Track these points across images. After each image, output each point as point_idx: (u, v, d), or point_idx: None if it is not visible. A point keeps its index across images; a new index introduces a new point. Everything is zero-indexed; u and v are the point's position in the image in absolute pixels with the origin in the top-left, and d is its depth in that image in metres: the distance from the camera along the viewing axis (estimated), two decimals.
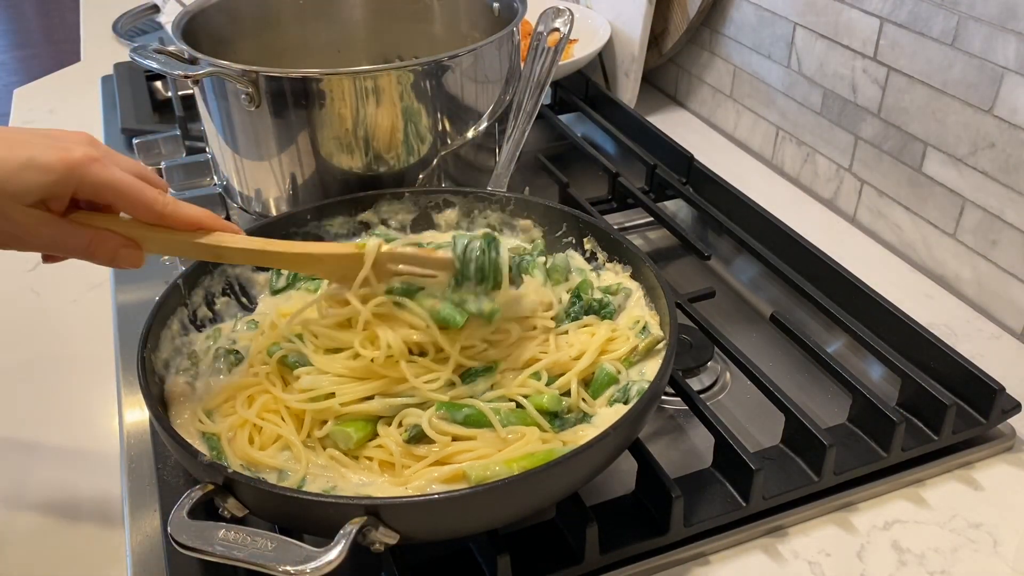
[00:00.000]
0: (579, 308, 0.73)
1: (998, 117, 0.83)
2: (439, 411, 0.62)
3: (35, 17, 4.93)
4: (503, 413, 0.63)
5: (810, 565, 0.64)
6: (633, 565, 0.63)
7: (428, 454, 0.61)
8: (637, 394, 0.65)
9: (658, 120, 1.26)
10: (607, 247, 0.78)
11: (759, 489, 0.65)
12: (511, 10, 0.96)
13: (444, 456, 0.60)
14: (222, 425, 0.63)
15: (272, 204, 0.93)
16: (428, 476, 0.58)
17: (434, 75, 0.85)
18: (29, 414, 0.79)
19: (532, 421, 0.63)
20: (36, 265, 0.98)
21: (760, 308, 0.92)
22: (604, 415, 0.65)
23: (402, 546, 0.54)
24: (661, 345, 0.69)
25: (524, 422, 0.63)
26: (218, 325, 0.74)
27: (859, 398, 0.71)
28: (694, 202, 1.01)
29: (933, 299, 0.91)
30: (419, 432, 0.61)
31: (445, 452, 0.60)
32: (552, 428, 0.63)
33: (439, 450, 0.61)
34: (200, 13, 0.96)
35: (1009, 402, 0.73)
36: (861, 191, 1.02)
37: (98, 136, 1.23)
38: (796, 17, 1.06)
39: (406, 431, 0.62)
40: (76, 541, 0.67)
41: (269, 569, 0.50)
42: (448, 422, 0.62)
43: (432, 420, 0.62)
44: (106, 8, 1.66)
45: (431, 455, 0.60)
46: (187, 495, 0.54)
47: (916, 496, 0.69)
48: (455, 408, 0.63)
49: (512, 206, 0.83)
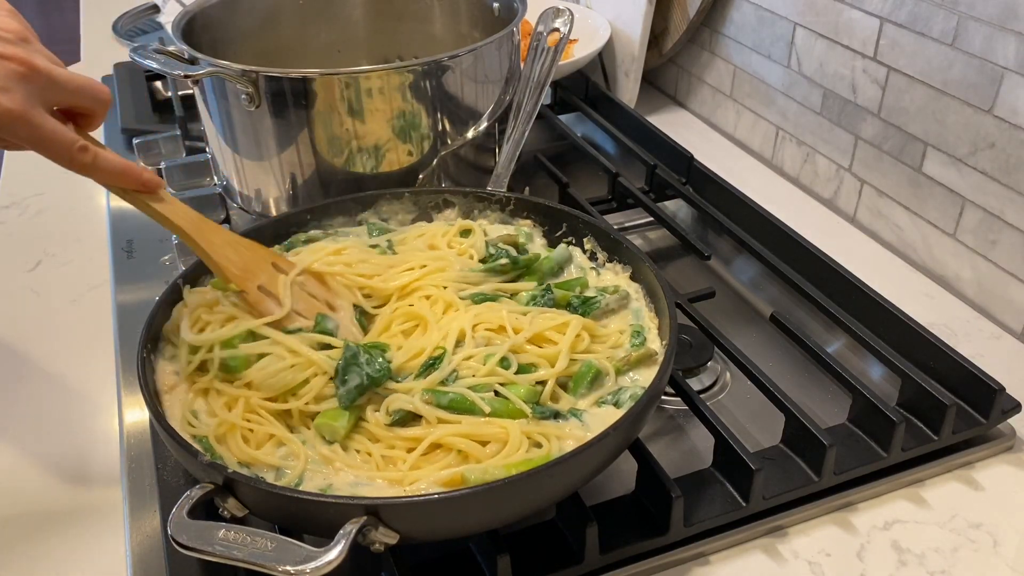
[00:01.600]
0: (547, 300, 0.72)
1: (998, 117, 0.83)
2: (425, 396, 0.63)
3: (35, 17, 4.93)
4: (486, 400, 0.63)
5: (810, 565, 0.64)
6: (633, 565, 0.63)
7: (416, 435, 0.61)
8: (631, 399, 0.64)
9: (658, 120, 1.26)
10: (607, 247, 0.78)
11: (759, 489, 0.65)
12: (511, 10, 0.96)
13: (438, 438, 0.60)
14: (209, 426, 0.62)
15: (272, 204, 0.93)
16: (427, 479, 0.58)
17: (434, 75, 0.85)
18: (29, 414, 0.79)
19: (516, 410, 0.62)
20: (36, 265, 0.98)
21: (760, 308, 0.92)
22: (594, 415, 0.64)
23: (402, 546, 0.54)
24: (658, 352, 0.68)
25: (507, 409, 0.63)
26: None
27: (859, 398, 0.71)
28: (694, 202, 1.01)
29: (933, 299, 0.91)
30: (404, 416, 0.62)
31: (438, 433, 0.60)
32: (533, 414, 0.63)
33: (427, 428, 0.61)
34: (200, 13, 0.96)
35: (1009, 402, 0.73)
36: (861, 191, 1.02)
37: (98, 136, 1.22)
38: (796, 17, 1.06)
39: (390, 415, 0.62)
40: (76, 541, 0.67)
41: (269, 569, 0.50)
42: (433, 406, 0.62)
43: (417, 404, 0.62)
44: (106, 8, 1.66)
45: (423, 435, 0.60)
46: (187, 495, 0.54)
47: (916, 496, 0.69)
48: (440, 394, 0.63)
49: (512, 206, 0.83)
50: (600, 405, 0.65)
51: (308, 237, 0.80)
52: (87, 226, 1.05)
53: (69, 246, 1.01)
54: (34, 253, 1.00)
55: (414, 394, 0.63)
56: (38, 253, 1.00)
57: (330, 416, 0.62)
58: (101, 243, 1.01)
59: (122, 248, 0.98)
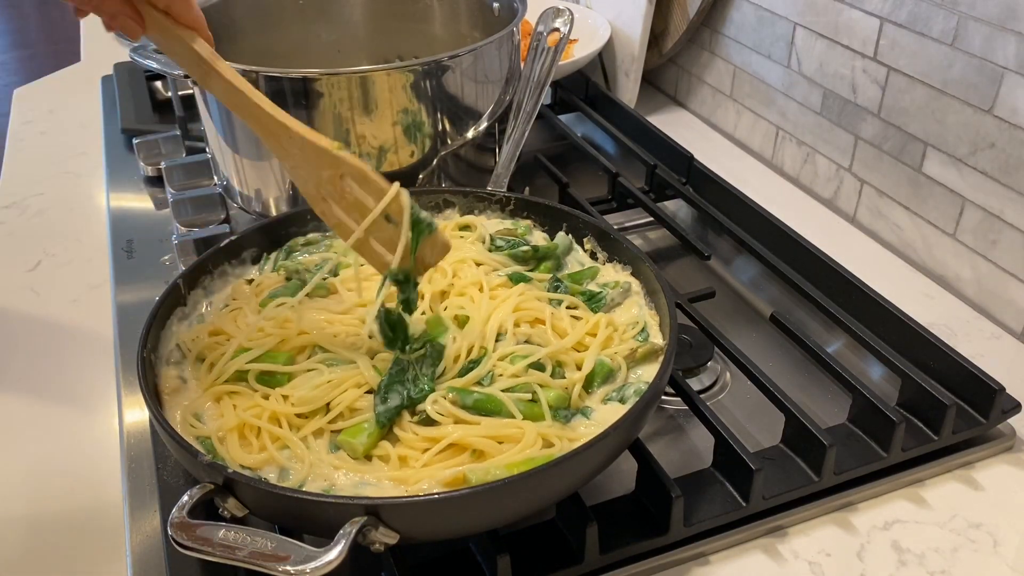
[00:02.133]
0: (563, 289, 0.73)
1: (998, 117, 0.83)
2: (450, 394, 0.63)
3: (35, 17, 4.93)
4: (517, 403, 0.63)
5: (810, 565, 0.64)
6: (633, 565, 0.63)
7: (435, 436, 0.60)
8: (635, 395, 0.65)
9: (658, 120, 1.26)
10: (607, 247, 0.78)
11: (759, 489, 0.65)
12: (511, 10, 0.96)
13: (458, 439, 0.60)
14: (212, 426, 0.62)
15: (272, 204, 0.93)
16: (430, 479, 0.58)
17: (434, 75, 0.85)
18: (29, 414, 0.79)
19: (540, 413, 0.63)
20: (36, 265, 0.98)
21: (760, 308, 0.92)
22: (600, 412, 0.64)
23: (402, 546, 0.54)
24: (660, 348, 0.69)
25: (531, 411, 0.63)
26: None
27: (859, 398, 0.71)
28: (694, 202, 1.01)
29: (933, 299, 0.91)
30: (426, 417, 0.62)
31: (457, 435, 0.60)
32: (558, 419, 0.63)
33: (442, 429, 0.61)
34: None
35: (1009, 402, 0.73)
36: (861, 191, 1.02)
37: (98, 136, 1.23)
38: (796, 17, 1.06)
39: (415, 416, 0.62)
40: (76, 541, 0.67)
41: (269, 569, 0.50)
42: (457, 407, 0.62)
43: (440, 402, 0.62)
44: None
45: (442, 436, 0.60)
46: (187, 495, 0.54)
47: (916, 496, 0.69)
48: (466, 393, 0.63)
49: (512, 206, 0.83)
50: (606, 402, 0.65)
51: (307, 240, 0.80)
52: (87, 226, 1.05)
53: (69, 246, 1.01)
54: (34, 253, 1.00)
55: (436, 397, 0.63)
56: (38, 253, 1.00)
57: (352, 433, 0.61)
58: (101, 243, 1.01)
59: (122, 248, 0.98)
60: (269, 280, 0.75)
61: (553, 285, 0.74)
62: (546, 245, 0.78)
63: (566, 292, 0.74)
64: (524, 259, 0.77)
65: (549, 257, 0.78)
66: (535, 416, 0.62)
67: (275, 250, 0.79)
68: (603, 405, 0.65)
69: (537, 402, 0.63)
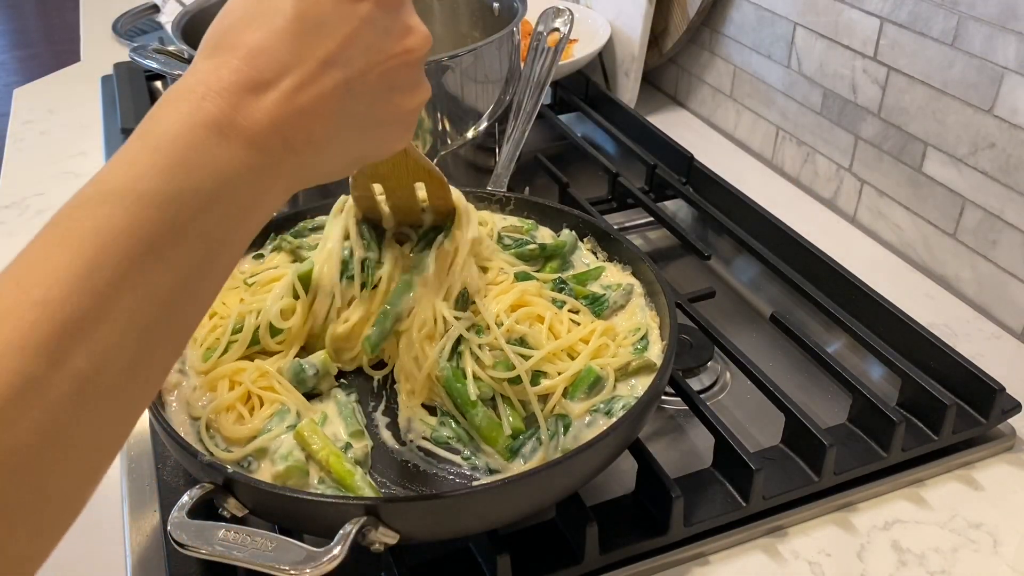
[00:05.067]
0: (568, 291, 0.72)
1: (998, 117, 0.83)
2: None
3: (35, 17, 4.93)
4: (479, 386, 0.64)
5: (810, 565, 0.64)
6: (633, 565, 0.63)
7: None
8: (623, 409, 0.62)
9: (658, 120, 1.26)
10: (607, 247, 0.78)
11: (759, 489, 0.65)
12: (511, 10, 0.96)
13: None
14: (207, 408, 0.62)
15: None
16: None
17: (434, 75, 0.85)
18: None
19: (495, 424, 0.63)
20: None
21: (760, 308, 0.92)
22: (579, 429, 0.62)
23: (402, 546, 0.54)
24: (656, 364, 0.66)
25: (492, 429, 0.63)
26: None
27: (859, 398, 0.71)
28: (694, 202, 1.01)
29: (933, 299, 0.91)
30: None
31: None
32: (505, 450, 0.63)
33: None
34: (200, 13, 0.96)
35: (1009, 402, 0.73)
36: (861, 191, 1.02)
37: (98, 136, 1.23)
38: (796, 17, 1.06)
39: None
40: (76, 541, 0.67)
41: (269, 569, 0.50)
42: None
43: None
44: (106, 8, 1.66)
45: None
46: (187, 495, 0.54)
47: (916, 496, 0.69)
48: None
49: (512, 206, 0.83)
50: (592, 413, 0.63)
51: (315, 224, 0.79)
52: None
53: None
54: None
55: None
56: None
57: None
58: None
59: None
60: (272, 260, 0.76)
61: (557, 286, 0.73)
62: (553, 243, 0.77)
63: (570, 294, 0.72)
64: (530, 258, 0.76)
65: (556, 256, 0.77)
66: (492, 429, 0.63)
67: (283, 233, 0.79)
68: (587, 417, 0.63)
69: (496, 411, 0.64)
